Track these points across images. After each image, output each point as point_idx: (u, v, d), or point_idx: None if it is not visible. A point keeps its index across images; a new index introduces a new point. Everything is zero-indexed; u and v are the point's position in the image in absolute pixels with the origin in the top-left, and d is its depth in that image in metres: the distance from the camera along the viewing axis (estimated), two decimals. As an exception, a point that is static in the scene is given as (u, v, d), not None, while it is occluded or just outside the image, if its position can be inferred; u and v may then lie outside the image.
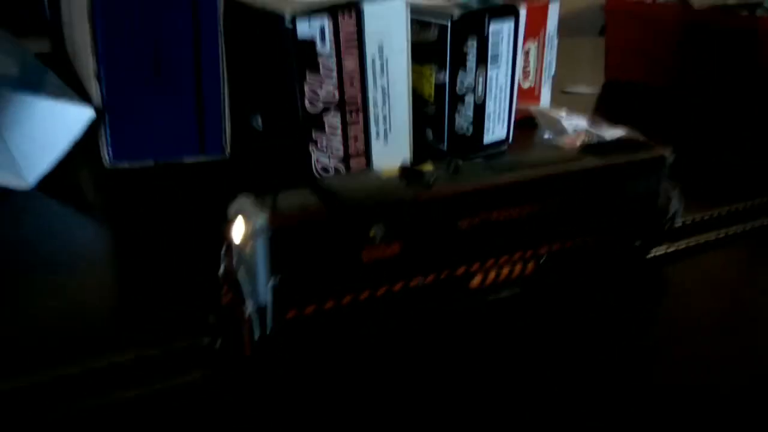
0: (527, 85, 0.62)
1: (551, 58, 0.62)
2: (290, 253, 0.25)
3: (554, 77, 0.64)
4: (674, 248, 0.39)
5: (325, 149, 0.44)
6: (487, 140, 0.52)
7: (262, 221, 0.24)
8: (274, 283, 0.25)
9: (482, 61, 0.49)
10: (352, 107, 0.43)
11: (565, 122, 0.59)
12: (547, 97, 0.64)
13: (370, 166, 0.45)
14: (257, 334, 0.25)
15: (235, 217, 0.25)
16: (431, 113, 0.51)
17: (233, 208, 0.26)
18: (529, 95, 0.62)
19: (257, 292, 0.25)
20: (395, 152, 0.46)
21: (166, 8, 0.44)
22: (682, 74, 0.75)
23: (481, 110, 0.51)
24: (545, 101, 0.64)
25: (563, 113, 0.61)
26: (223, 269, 0.26)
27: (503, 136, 0.53)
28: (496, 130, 0.53)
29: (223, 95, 0.48)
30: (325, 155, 0.44)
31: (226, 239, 0.26)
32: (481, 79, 0.50)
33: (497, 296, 0.31)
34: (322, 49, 0.41)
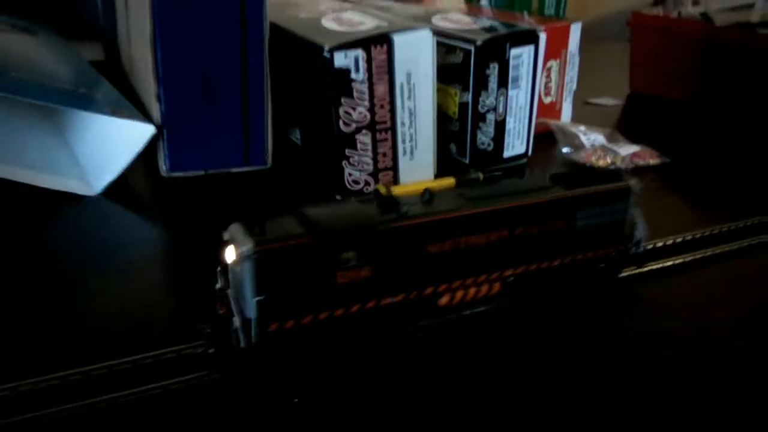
0: (549, 100, 0.65)
1: (573, 74, 0.66)
2: (273, 274, 0.28)
3: (576, 91, 0.67)
4: (648, 269, 0.41)
5: (356, 164, 0.48)
6: (507, 155, 0.56)
7: (248, 247, 0.27)
8: (258, 300, 0.28)
9: (503, 83, 0.53)
10: (381, 127, 0.48)
11: (583, 137, 0.62)
12: (568, 111, 0.67)
13: (397, 179, 0.50)
14: (243, 343, 0.29)
15: (228, 241, 0.29)
16: (455, 129, 0.55)
17: (227, 234, 0.29)
18: (550, 110, 0.65)
19: (244, 307, 0.29)
20: (420, 167, 0.51)
21: (218, 37, 0.49)
22: (703, 89, 0.77)
23: (501, 127, 0.55)
24: (566, 116, 0.67)
25: (582, 128, 0.64)
26: (218, 286, 0.31)
27: (522, 150, 0.57)
28: (515, 145, 0.57)
29: (266, 113, 0.53)
30: (356, 170, 0.49)
31: (220, 261, 0.30)
32: (502, 99, 0.54)
33: (465, 313, 0.33)
34: (356, 76, 0.46)
